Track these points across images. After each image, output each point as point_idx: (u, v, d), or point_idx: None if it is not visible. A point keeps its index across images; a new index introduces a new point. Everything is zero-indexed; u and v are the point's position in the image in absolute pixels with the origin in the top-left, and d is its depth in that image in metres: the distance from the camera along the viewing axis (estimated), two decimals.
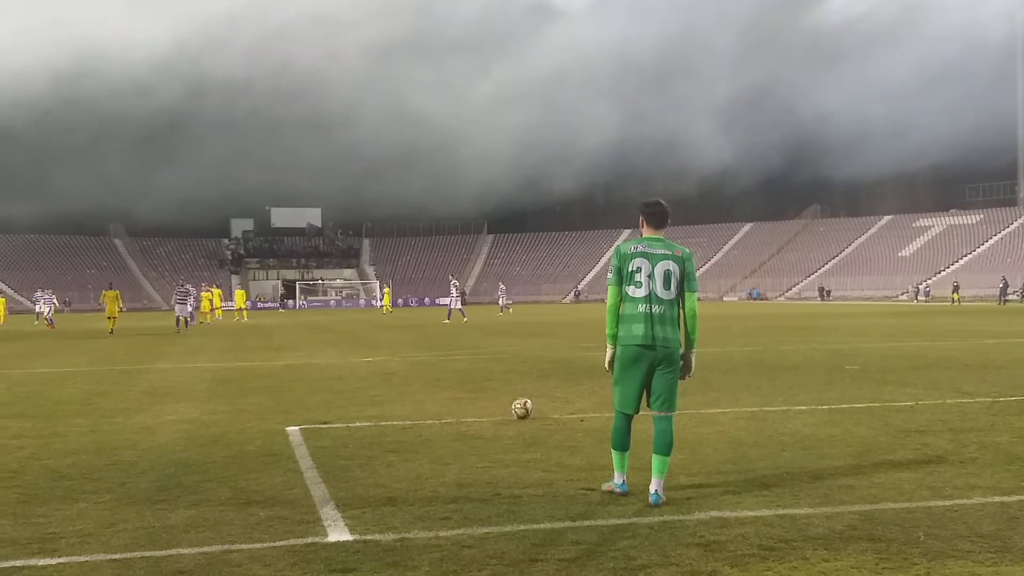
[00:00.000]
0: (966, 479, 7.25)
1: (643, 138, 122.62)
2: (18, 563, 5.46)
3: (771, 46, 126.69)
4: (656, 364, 6.82)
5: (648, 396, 6.92)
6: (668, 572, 5.09)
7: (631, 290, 6.86)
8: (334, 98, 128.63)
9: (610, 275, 7.03)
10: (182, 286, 41.71)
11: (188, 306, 40.57)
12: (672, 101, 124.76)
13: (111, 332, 36.38)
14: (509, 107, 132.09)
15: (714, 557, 5.34)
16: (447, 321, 44.49)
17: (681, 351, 6.92)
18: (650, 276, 6.83)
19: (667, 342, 6.80)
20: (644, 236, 7.11)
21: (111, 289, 40.18)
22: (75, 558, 5.54)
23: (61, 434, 10.39)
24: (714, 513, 6.32)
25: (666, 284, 6.84)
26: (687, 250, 7.11)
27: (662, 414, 6.89)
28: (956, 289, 72.38)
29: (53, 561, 5.48)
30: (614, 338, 6.97)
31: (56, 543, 5.86)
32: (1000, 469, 7.61)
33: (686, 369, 6.97)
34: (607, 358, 7.09)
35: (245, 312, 60.16)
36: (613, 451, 7.08)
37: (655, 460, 6.78)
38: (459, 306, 46.94)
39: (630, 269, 6.88)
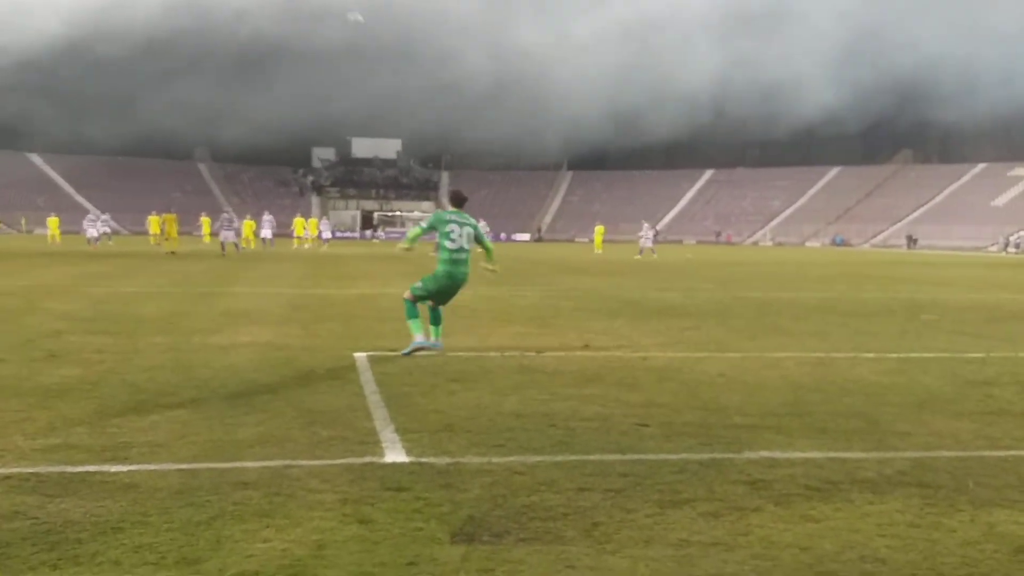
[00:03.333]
0: None
1: (737, 82, 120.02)
2: (91, 468, 5.77)
3: None
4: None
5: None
6: (712, 507, 5.18)
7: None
8: (427, 30, 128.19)
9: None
10: (228, 214, 45.27)
11: (232, 232, 43.45)
12: (771, 45, 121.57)
13: (173, 252, 39.32)
14: (606, 47, 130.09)
15: (759, 495, 5.41)
16: (638, 257, 47.56)
17: None
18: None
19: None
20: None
21: (168, 213, 43.87)
22: (145, 466, 5.84)
23: (140, 350, 10.82)
24: (764, 453, 6.38)
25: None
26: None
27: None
28: None
29: (124, 468, 5.78)
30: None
31: (128, 451, 6.17)
32: None
33: None
34: None
35: (309, 240, 59.91)
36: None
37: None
38: (651, 244, 49.93)
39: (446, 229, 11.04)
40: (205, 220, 63.07)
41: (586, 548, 4.51)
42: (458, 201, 11.51)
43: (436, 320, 11.04)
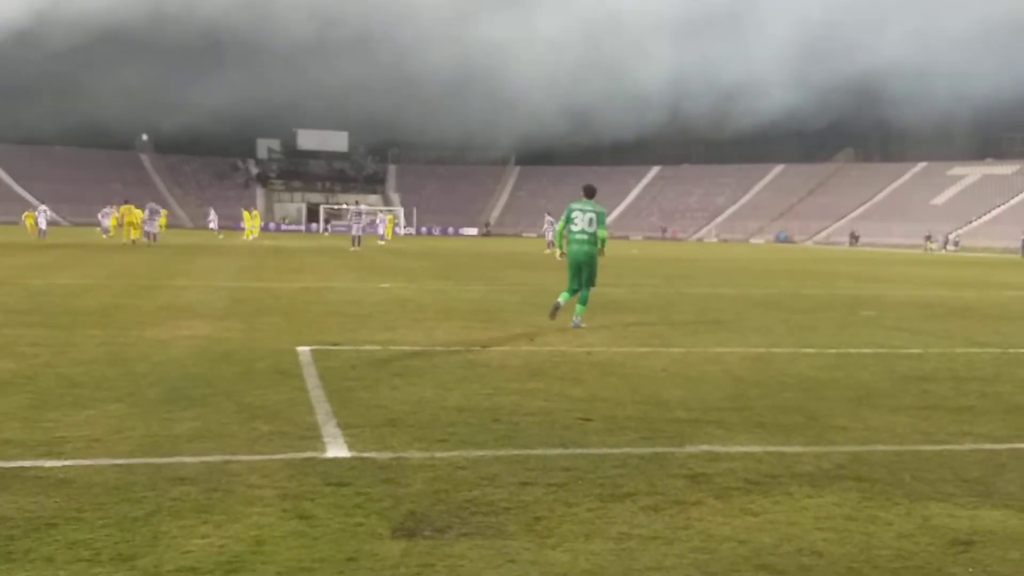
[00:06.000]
0: (960, 426, 7.32)
1: (687, 81, 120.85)
2: (26, 463, 5.64)
3: None
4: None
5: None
6: (653, 501, 5.21)
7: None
8: (374, 19, 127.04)
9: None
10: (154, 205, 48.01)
11: (155, 224, 45.34)
12: (722, 46, 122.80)
13: (133, 241, 40.96)
14: (567, 44, 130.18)
15: (700, 488, 5.45)
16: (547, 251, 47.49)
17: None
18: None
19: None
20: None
21: (127, 204, 45.07)
22: (81, 461, 5.73)
23: (76, 343, 10.62)
24: (705, 447, 6.43)
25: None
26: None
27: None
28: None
29: (59, 463, 5.66)
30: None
31: (63, 446, 6.05)
32: (996, 418, 7.67)
33: None
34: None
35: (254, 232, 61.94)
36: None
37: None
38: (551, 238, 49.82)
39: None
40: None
41: (528, 542, 4.51)
42: (590, 193, 13.74)
43: (583, 300, 13.38)
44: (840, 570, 4.25)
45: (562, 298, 13.39)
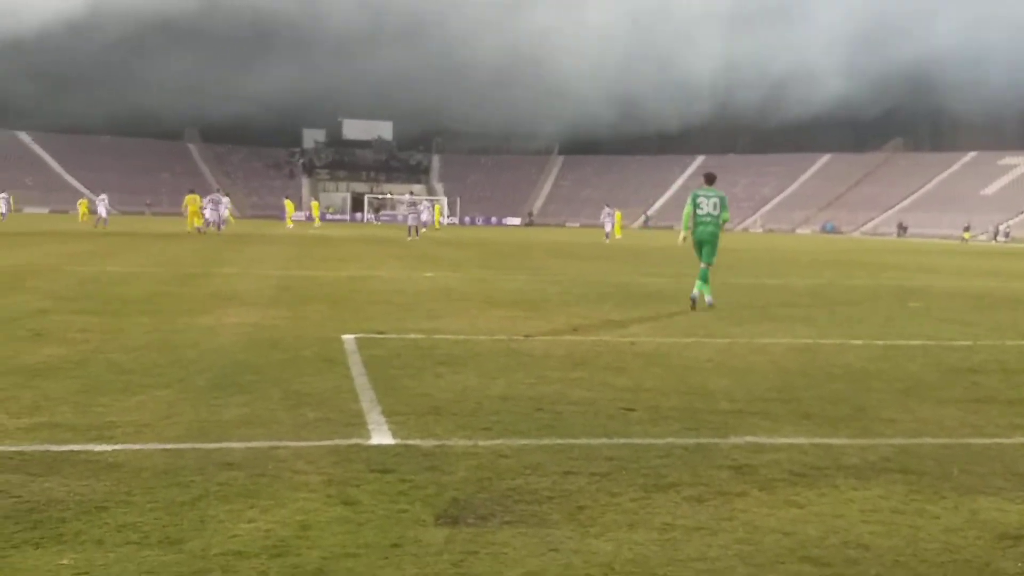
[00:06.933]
0: (1010, 419, 7.21)
1: (734, 71, 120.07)
2: (76, 447, 5.75)
3: None
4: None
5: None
6: (696, 491, 5.18)
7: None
8: (422, 8, 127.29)
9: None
10: (217, 192, 50.27)
11: (219, 212, 46.82)
12: (769, 36, 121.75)
13: (198, 230, 43.49)
14: (616, 33, 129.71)
15: (744, 480, 5.42)
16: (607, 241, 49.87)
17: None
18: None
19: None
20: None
21: (192, 193, 46.52)
22: (130, 446, 5.82)
23: (125, 330, 10.78)
24: (750, 438, 6.39)
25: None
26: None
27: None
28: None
29: (109, 448, 5.75)
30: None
31: (113, 431, 6.15)
32: None
33: None
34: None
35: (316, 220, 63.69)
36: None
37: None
38: (610, 228, 52.71)
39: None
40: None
41: (570, 531, 4.51)
42: (710, 180, 15.40)
43: (704, 279, 14.73)
44: (887, 563, 4.21)
45: (697, 288, 14.78)
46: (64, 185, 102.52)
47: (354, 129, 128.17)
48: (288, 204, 66.43)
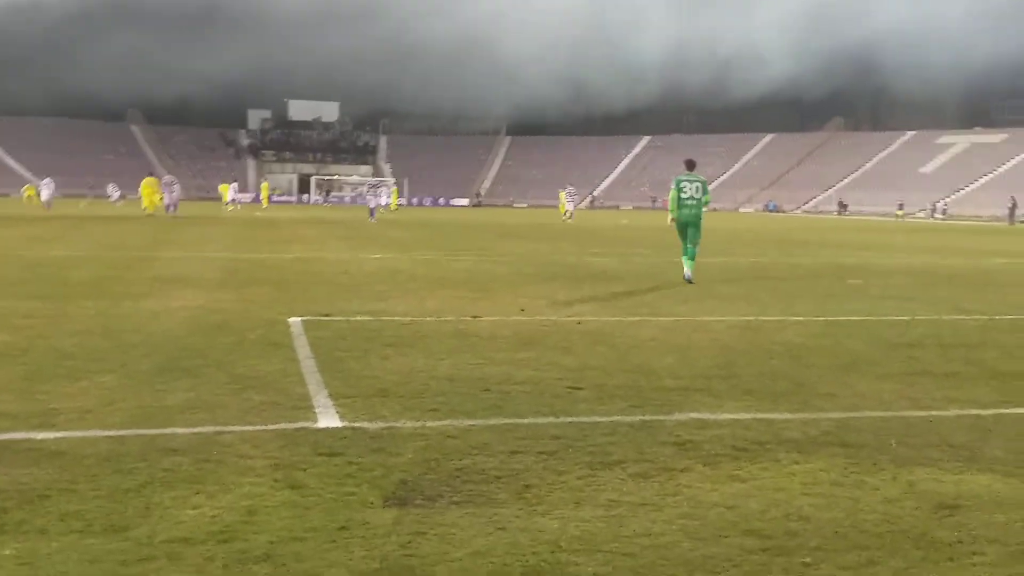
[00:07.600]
0: (946, 392, 7.39)
1: (680, 52, 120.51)
2: (18, 436, 5.67)
3: None
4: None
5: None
6: (641, 468, 5.26)
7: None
8: None
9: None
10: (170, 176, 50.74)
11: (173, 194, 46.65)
12: (714, 18, 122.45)
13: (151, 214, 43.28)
14: (565, 16, 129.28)
15: (688, 455, 5.51)
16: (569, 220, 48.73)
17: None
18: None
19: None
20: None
21: (151, 176, 48.01)
22: (73, 433, 5.75)
23: (69, 315, 10.63)
24: (693, 415, 6.49)
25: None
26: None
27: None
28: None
29: (52, 435, 5.68)
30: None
31: (56, 418, 6.07)
32: (981, 384, 7.73)
33: None
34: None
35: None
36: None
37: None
38: (572, 208, 51.71)
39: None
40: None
41: (517, 510, 4.56)
42: (690, 166, 16.66)
43: (690, 256, 15.80)
44: (827, 534, 4.31)
45: (687, 267, 15.80)
46: (4, 168, 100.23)
47: (300, 110, 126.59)
48: (222, 188, 63.91)
